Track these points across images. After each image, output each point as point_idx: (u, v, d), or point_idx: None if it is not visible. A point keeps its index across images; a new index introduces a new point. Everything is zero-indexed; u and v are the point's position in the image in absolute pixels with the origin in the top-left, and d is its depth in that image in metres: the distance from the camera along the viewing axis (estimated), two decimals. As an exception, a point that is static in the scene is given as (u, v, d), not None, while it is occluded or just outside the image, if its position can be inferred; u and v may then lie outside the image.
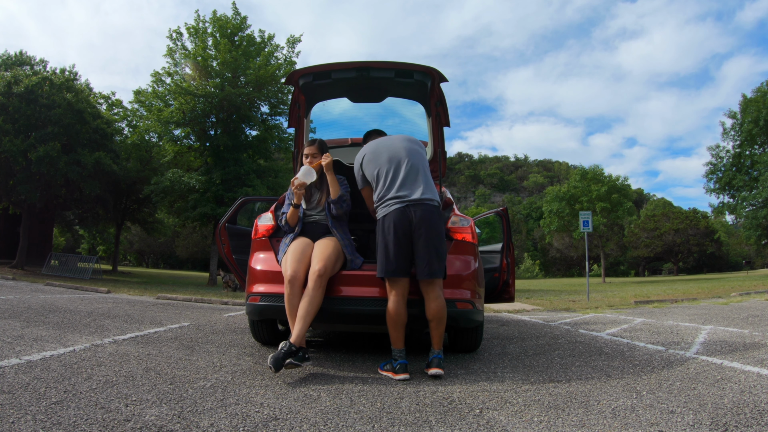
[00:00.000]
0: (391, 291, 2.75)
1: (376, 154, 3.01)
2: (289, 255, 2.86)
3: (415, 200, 2.82)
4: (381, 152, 3.00)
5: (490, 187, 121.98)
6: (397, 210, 2.79)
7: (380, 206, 2.90)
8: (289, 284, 2.74)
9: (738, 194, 25.83)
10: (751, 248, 52.75)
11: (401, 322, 2.73)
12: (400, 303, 2.73)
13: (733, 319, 5.45)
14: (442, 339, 2.77)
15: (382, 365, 2.83)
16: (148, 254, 56.66)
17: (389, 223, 2.78)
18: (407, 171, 2.92)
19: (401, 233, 2.76)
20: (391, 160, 2.95)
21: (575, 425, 1.87)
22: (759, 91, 23.85)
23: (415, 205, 2.80)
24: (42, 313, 4.95)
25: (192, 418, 1.85)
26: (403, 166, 2.93)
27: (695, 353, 3.38)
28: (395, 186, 2.87)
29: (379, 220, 2.87)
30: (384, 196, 2.89)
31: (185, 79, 18.23)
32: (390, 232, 2.76)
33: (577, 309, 8.49)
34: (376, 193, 2.95)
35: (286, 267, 2.80)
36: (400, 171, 2.91)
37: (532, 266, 59.14)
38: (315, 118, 4.34)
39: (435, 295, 2.75)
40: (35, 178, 15.51)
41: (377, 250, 2.83)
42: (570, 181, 39.17)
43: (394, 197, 2.84)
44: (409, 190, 2.86)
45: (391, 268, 2.73)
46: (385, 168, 2.94)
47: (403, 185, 2.87)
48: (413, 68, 3.38)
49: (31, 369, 2.47)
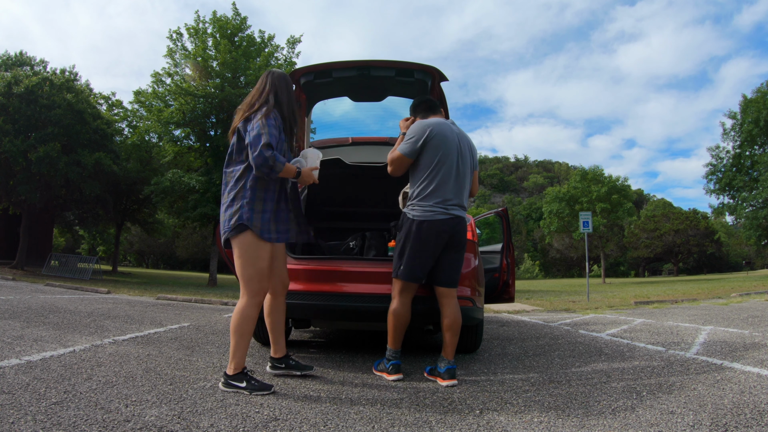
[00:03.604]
0: (402, 293, 2.70)
1: (446, 143, 2.68)
2: (266, 265, 2.42)
3: (458, 216, 2.69)
4: (450, 147, 2.69)
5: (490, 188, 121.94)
6: (441, 221, 2.63)
7: (421, 206, 2.66)
8: (272, 296, 2.61)
9: (738, 195, 25.80)
10: (751, 249, 52.78)
11: (405, 323, 2.71)
12: (408, 306, 2.71)
13: (733, 320, 5.45)
14: (455, 348, 2.70)
15: (376, 364, 2.84)
16: (148, 255, 56.63)
17: (430, 232, 2.62)
18: (463, 182, 2.75)
19: (440, 245, 2.66)
20: (455, 163, 2.69)
21: (575, 426, 1.87)
22: (759, 91, 23.83)
23: (457, 219, 2.69)
24: (42, 313, 4.95)
25: (192, 418, 1.85)
26: (464, 175, 2.74)
27: (695, 354, 3.38)
28: (445, 189, 2.66)
29: (416, 222, 2.64)
30: (431, 196, 2.65)
31: (185, 79, 18.23)
32: (428, 241, 2.63)
33: (577, 310, 8.48)
34: (422, 185, 2.68)
35: (263, 278, 2.38)
36: (457, 178, 2.70)
37: (532, 267, 59.10)
38: (315, 119, 4.34)
39: (454, 302, 2.71)
40: (35, 179, 15.50)
41: (404, 251, 2.67)
42: (570, 182, 39.17)
43: (441, 204, 2.65)
44: (456, 199, 2.70)
45: (417, 275, 2.66)
46: (446, 163, 2.66)
47: (453, 192, 2.68)
48: (414, 67, 3.39)
49: (31, 369, 2.47)
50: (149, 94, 18.85)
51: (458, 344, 3.48)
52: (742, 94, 24.78)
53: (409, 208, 2.72)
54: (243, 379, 2.26)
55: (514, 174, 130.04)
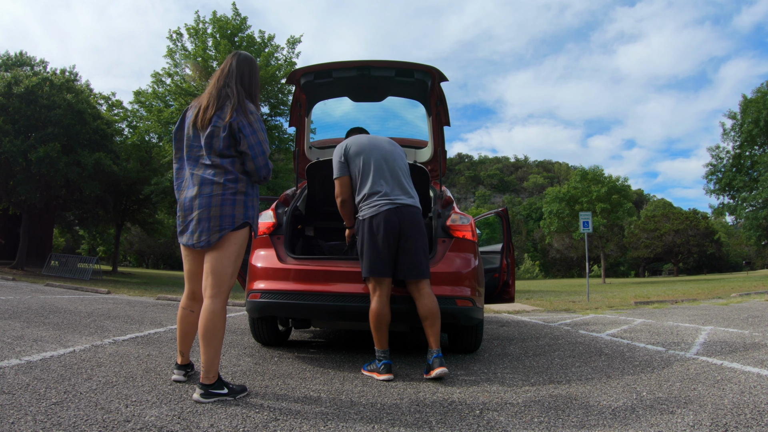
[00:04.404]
0: (376, 291, 2.72)
1: (362, 147, 2.93)
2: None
3: (405, 204, 2.81)
4: (368, 149, 2.93)
5: (490, 188, 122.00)
6: (388, 211, 2.75)
7: (367, 204, 2.82)
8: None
9: (738, 195, 25.81)
10: (751, 249, 52.81)
11: (386, 322, 2.71)
12: (384, 303, 2.71)
13: (733, 320, 5.45)
14: (439, 337, 2.73)
15: (366, 366, 2.83)
16: (148, 255, 56.62)
17: (379, 224, 2.73)
18: (397, 173, 2.90)
19: (391, 234, 2.73)
20: (380, 160, 2.89)
21: (575, 426, 1.87)
22: (759, 91, 23.84)
23: (404, 207, 2.79)
24: (42, 313, 4.95)
25: (192, 418, 1.85)
26: (394, 167, 2.91)
27: (695, 354, 3.38)
28: (384, 185, 2.82)
29: (366, 219, 2.79)
30: (371, 194, 2.82)
31: (185, 79, 18.25)
32: (380, 232, 2.72)
33: (577, 310, 8.48)
34: (362, 190, 2.86)
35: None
36: (388, 172, 2.87)
37: (532, 267, 59.13)
38: (315, 119, 4.34)
39: (426, 292, 2.73)
40: (35, 179, 15.50)
41: (362, 250, 2.78)
42: (570, 182, 39.22)
43: (383, 197, 2.79)
44: (398, 192, 2.84)
45: (380, 268, 2.71)
46: (373, 165, 2.87)
47: (393, 186, 2.84)
48: (414, 67, 3.39)
49: (31, 369, 2.47)
50: (149, 94, 18.87)
51: (458, 344, 3.50)
52: (742, 94, 24.82)
53: (359, 213, 2.86)
54: (223, 386, 2.15)
55: (514, 174, 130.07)
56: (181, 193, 2.33)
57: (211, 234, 2.21)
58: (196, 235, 2.23)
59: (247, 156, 2.24)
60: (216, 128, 2.22)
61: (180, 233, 2.32)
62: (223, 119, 2.22)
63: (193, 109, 2.33)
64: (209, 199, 2.21)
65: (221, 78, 2.31)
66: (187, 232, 2.28)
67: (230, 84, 2.28)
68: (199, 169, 2.26)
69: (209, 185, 2.22)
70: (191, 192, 2.26)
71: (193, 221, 2.24)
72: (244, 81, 2.32)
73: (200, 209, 2.22)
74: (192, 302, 2.44)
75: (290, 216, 3.39)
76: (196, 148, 2.28)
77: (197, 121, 2.27)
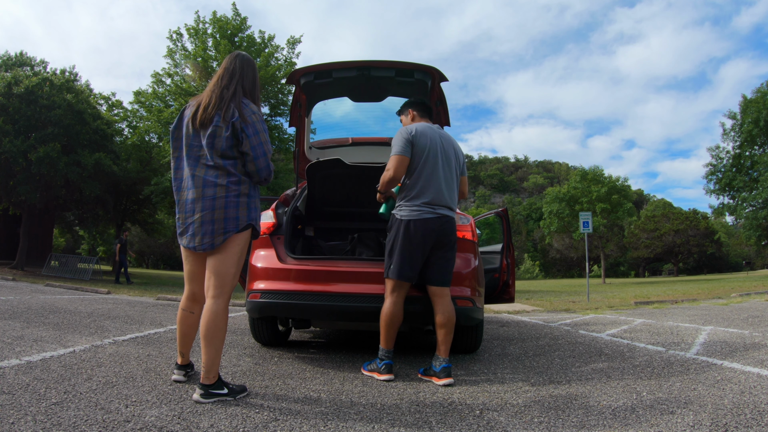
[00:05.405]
0: (394, 293, 2.71)
1: (428, 140, 2.75)
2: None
3: (445, 215, 2.74)
4: (433, 142, 2.76)
5: (490, 188, 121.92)
6: (429, 220, 2.68)
7: (409, 206, 2.72)
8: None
9: (738, 195, 25.80)
10: (751, 249, 52.80)
11: (398, 323, 2.71)
12: (400, 305, 2.72)
13: (733, 320, 5.45)
14: (450, 347, 2.70)
15: (366, 365, 2.83)
16: (148, 255, 56.62)
17: (418, 231, 2.67)
18: (449, 178, 2.79)
19: (427, 243, 2.70)
20: (438, 159, 2.76)
21: (575, 426, 1.87)
22: (759, 91, 23.83)
23: (444, 218, 2.73)
24: (42, 313, 4.95)
25: (192, 419, 1.85)
26: (447, 172, 2.79)
27: (695, 354, 3.38)
28: (431, 190, 2.71)
29: (405, 222, 2.69)
30: (418, 196, 2.71)
31: (185, 79, 18.25)
32: (417, 240, 2.67)
33: (577, 310, 8.48)
34: (412, 187, 2.74)
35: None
36: (440, 175, 2.75)
37: (532, 267, 59.09)
38: (315, 119, 4.34)
39: (447, 301, 2.73)
40: (35, 179, 15.49)
41: (393, 250, 2.71)
42: (570, 182, 39.18)
43: (427, 205, 2.70)
44: (444, 199, 2.75)
45: (408, 274, 2.69)
46: (430, 163, 2.73)
47: (441, 192, 2.74)
48: (413, 67, 3.40)
49: (31, 370, 2.47)
50: (149, 94, 18.87)
51: (458, 344, 3.50)
52: (742, 94, 24.80)
53: (398, 209, 2.78)
54: (223, 386, 2.15)
55: (514, 174, 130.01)
56: (180, 194, 2.31)
57: (215, 237, 2.20)
58: (198, 237, 2.22)
59: (249, 157, 2.23)
60: (218, 128, 2.20)
61: (180, 234, 2.31)
62: (226, 119, 2.20)
63: (192, 108, 2.30)
64: (213, 202, 2.19)
65: (224, 77, 2.29)
66: (187, 234, 2.27)
67: (233, 84, 2.27)
68: (200, 169, 2.24)
69: (212, 187, 2.20)
70: (192, 194, 2.23)
71: (194, 224, 2.22)
72: (246, 82, 2.31)
73: (203, 212, 2.20)
74: (192, 303, 2.43)
75: (290, 216, 3.39)
76: (196, 148, 2.26)
77: (197, 118, 2.23)
